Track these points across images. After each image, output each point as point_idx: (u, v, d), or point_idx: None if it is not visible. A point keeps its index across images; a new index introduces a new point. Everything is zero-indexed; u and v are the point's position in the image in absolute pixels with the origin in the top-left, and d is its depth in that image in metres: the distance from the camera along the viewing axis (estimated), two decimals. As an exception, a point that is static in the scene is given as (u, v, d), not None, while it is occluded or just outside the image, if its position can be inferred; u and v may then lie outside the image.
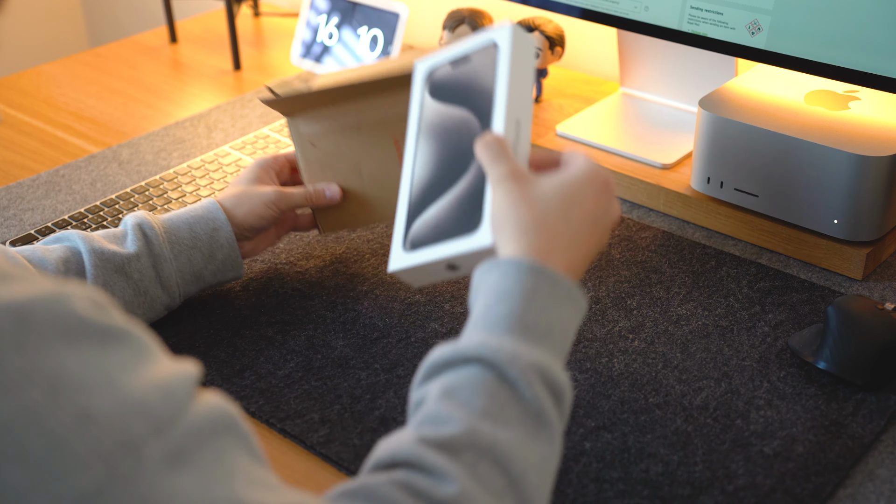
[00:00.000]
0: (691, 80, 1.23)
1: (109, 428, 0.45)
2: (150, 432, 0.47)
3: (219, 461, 0.49)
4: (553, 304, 0.64)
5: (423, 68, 0.81)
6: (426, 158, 0.78)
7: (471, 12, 1.31)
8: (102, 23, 2.35)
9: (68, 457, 0.44)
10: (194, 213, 0.95)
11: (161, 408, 0.48)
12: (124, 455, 0.45)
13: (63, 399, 0.45)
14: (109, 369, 0.47)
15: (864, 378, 0.85)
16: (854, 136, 0.99)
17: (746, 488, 0.77)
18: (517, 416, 0.60)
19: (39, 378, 0.45)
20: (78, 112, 1.43)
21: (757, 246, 1.08)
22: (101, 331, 0.48)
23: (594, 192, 0.68)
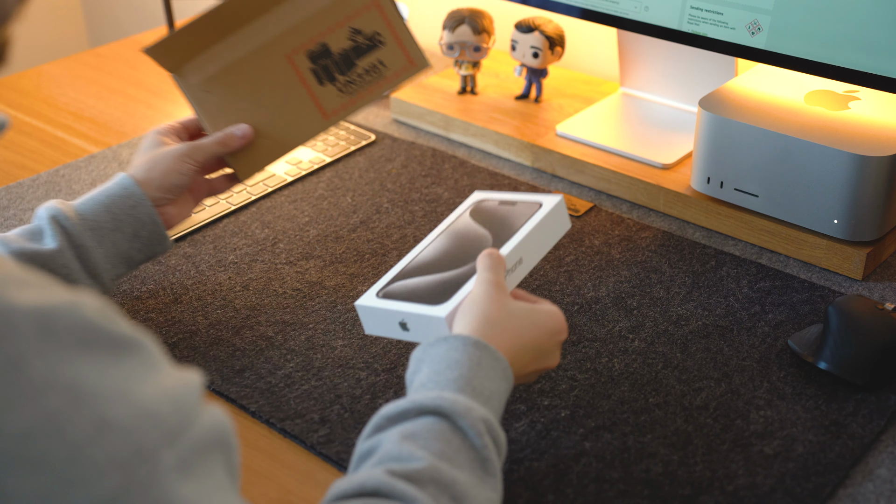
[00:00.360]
0: (691, 80, 1.23)
1: (126, 436, 0.46)
2: (163, 442, 0.48)
3: (214, 473, 0.51)
4: (494, 376, 0.72)
5: (477, 197, 0.95)
6: (436, 249, 0.89)
7: (471, 12, 1.31)
8: (102, 23, 2.35)
9: (87, 464, 0.45)
10: (110, 194, 0.92)
11: (173, 418, 0.49)
12: (140, 463, 0.46)
13: (83, 407, 0.46)
14: (123, 378, 0.48)
15: (864, 378, 0.85)
16: (854, 136, 0.99)
17: (746, 488, 0.77)
18: (469, 462, 0.66)
19: (60, 386, 0.45)
20: (78, 112, 1.43)
21: (757, 246, 1.08)
22: (113, 340, 0.49)
23: (549, 330, 0.77)
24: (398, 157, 1.26)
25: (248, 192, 1.19)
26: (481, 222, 0.91)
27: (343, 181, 1.22)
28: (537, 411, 0.85)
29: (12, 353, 0.45)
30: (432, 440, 0.65)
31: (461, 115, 1.30)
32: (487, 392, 0.70)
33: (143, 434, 0.47)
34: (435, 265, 0.87)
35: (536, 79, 1.32)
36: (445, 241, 0.90)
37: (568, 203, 1.16)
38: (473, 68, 1.34)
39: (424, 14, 1.60)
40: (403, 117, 1.36)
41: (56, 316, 0.47)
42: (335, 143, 1.30)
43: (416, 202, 1.17)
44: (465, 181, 1.21)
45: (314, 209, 1.16)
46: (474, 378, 0.70)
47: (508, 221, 0.88)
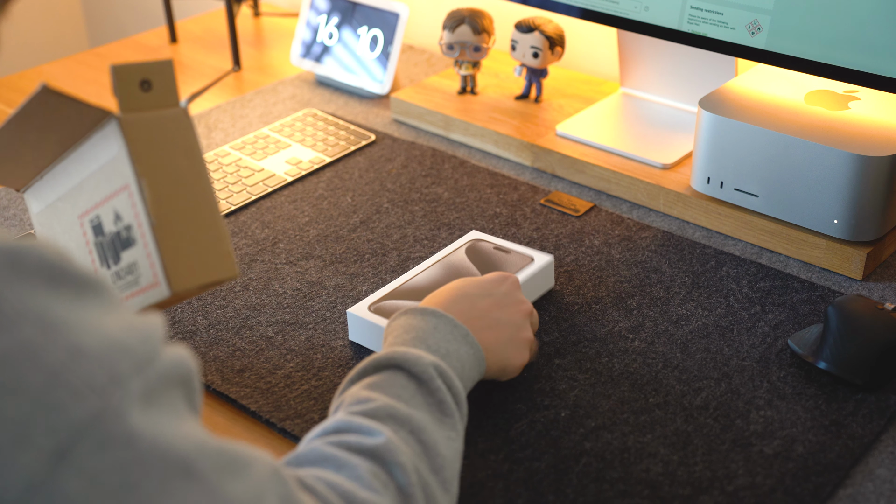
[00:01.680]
0: (691, 80, 1.23)
1: (99, 363, 0.48)
2: (132, 370, 0.49)
3: (176, 406, 0.52)
4: (452, 339, 0.78)
5: (474, 236, 1.03)
6: (429, 277, 0.97)
7: (471, 12, 1.31)
8: (102, 23, 2.35)
9: (64, 389, 0.47)
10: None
11: (140, 348, 0.50)
12: (115, 388, 0.48)
13: (56, 335, 0.48)
14: (91, 312, 0.50)
15: (864, 378, 0.85)
16: (854, 136, 0.99)
17: (746, 488, 0.77)
18: (425, 404, 0.72)
19: (32, 316, 0.48)
20: (78, 112, 1.43)
21: (757, 246, 1.08)
22: (77, 278, 0.51)
23: (494, 280, 0.87)
24: (398, 157, 1.26)
25: (248, 193, 1.19)
26: (475, 261, 1.00)
27: (343, 181, 1.22)
28: (537, 411, 0.85)
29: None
30: (388, 387, 0.71)
31: (461, 115, 1.30)
32: (444, 350, 0.77)
33: (114, 361, 0.49)
34: (425, 292, 0.94)
35: (536, 79, 1.32)
36: (439, 272, 0.98)
37: (568, 203, 1.16)
38: (473, 68, 1.34)
39: (424, 14, 1.60)
40: (403, 117, 1.36)
41: (23, 255, 0.49)
42: (335, 143, 1.30)
43: (416, 202, 1.17)
44: (465, 181, 1.21)
45: (314, 209, 1.16)
46: (429, 337, 0.77)
47: (500, 268, 0.97)
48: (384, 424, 0.67)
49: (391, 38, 1.40)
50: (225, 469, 0.52)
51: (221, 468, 0.51)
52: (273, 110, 1.41)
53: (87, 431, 0.47)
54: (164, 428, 0.50)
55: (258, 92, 1.46)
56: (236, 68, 0.91)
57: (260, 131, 1.33)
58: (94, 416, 0.47)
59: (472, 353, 0.79)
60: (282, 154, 1.27)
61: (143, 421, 0.49)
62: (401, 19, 1.39)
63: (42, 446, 0.46)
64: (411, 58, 1.55)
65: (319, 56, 1.47)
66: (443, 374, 0.74)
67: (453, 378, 0.74)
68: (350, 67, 1.44)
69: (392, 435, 0.66)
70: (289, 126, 1.34)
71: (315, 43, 1.48)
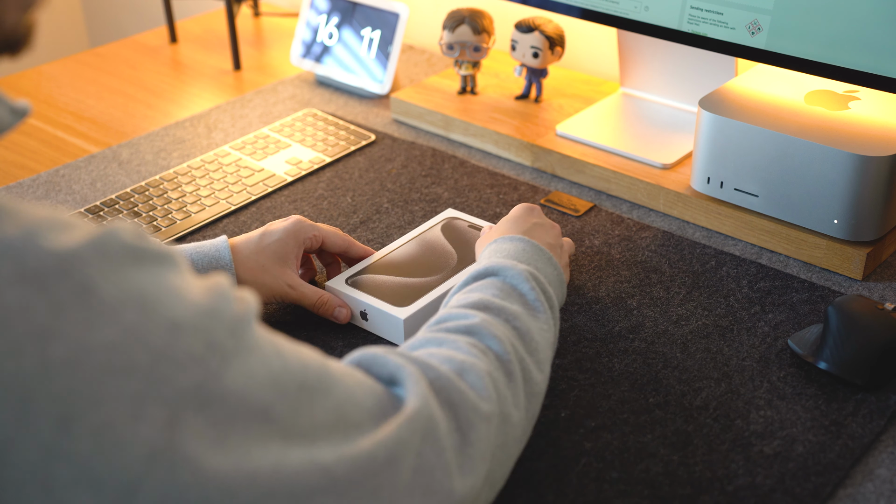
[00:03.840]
0: (691, 80, 1.23)
1: (196, 333, 0.53)
2: (225, 332, 0.54)
3: (264, 339, 0.58)
4: (539, 260, 0.85)
5: (449, 214, 1.07)
6: (404, 253, 1.01)
7: (471, 12, 1.31)
8: (102, 23, 2.35)
9: (170, 364, 0.51)
10: (199, 249, 0.92)
11: (226, 309, 0.55)
12: (212, 355, 0.53)
13: (154, 314, 0.52)
14: (174, 284, 0.54)
15: (864, 378, 0.85)
16: (854, 136, 0.99)
17: (746, 488, 0.77)
18: (519, 302, 0.79)
19: (129, 300, 0.52)
20: (78, 112, 1.43)
21: (757, 246, 1.08)
22: (155, 254, 0.55)
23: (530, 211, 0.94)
24: (398, 157, 1.26)
25: (248, 192, 1.19)
26: (449, 239, 1.03)
27: (343, 181, 1.22)
28: (537, 411, 0.85)
29: (83, 279, 0.51)
30: (485, 289, 0.79)
31: (461, 115, 1.30)
32: (534, 266, 0.84)
33: (209, 329, 0.54)
34: (401, 268, 0.98)
35: (536, 79, 1.32)
36: (414, 248, 1.02)
37: (568, 203, 1.16)
38: (473, 68, 1.34)
39: (424, 14, 1.60)
40: (403, 117, 1.36)
41: (107, 241, 0.53)
42: (335, 143, 1.30)
43: (416, 202, 1.17)
44: (465, 181, 1.21)
45: (314, 209, 1.16)
46: (520, 255, 0.84)
47: (473, 246, 1.01)
48: (479, 311, 0.75)
49: (391, 38, 1.40)
50: (303, 401, 0.57)
51: (299, 401, 0.57)
52: (273, 110, 1.41)
53: (192, 398, 0.52)
54: (255, 375, 0.55)
55: (258, 92, 1.46)
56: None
57: (260, 131, 1.33)
58: (197, 384, 0.52)
59: (556, 274, 0.86)
60: (282, 154, 1.27)
61: (237, 375, 0.54)
62: (401, 19, 1.39)
63: (157, 417, 0.50)
64: (411, 58, 1.55)
65: (319, 56, 1.47)
66: (537, 280, 0.81)
67: (545, 283, 0.81)
68: (350, 67, 1.44)
69: (487, 317, 0.74)
70: (289, 126, 1.34)
71: (315, 43, 1.48)
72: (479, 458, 0.65)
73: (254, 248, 0.94)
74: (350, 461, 0.58)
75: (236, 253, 0.93)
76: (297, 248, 0.96)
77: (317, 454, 0.56)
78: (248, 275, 0.93)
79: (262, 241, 0.94)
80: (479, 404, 0.66)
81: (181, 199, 1.17)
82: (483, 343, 0.72)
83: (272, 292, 0.94)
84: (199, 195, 1.18)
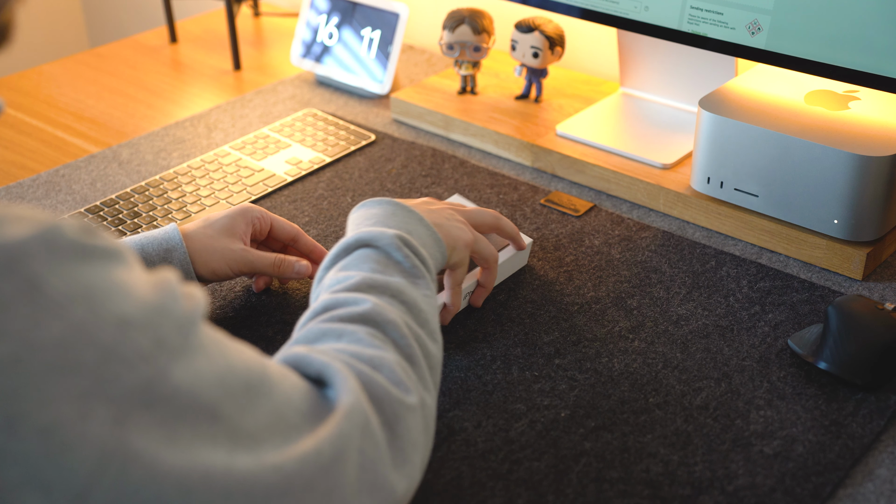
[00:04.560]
0: (691, 80, 1.23)
1: (144, 330, 0.52)
2: (173, 329, 0.54)
3: (210, 339, 0.57)
4: (409, 221, 0.84)
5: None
6: None
7: (471, 12, 1.31)
8: (102, 23, 2.35)
9: (118, 362, 0.51)
10: (148, 235, 0.93)
11: (174, 306, 0.55)
12: (160, 352, 0.52)
13: (102, 311, 0.51)
14: (122, 280, 0.53)
15: (864, 378, 0.85)
16: (854, 136, 0.99)
17: (746, 488, 0.77)
18: (397, 271, 0.77)
19: (78, 296, 0.50)
20: (78, 112, 1.43)
21: (757, 246, 1.08)
22: (103, 249, 0.54)
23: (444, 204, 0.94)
24: (398, 157, 1.26)
25: (248, 193, 1.19)
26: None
27: (343, 181, 1.22)
28: (537, 411, 0.85)
29: (29, 275, 0.49)
30: (362, 263, 0.77)
31: (461, 115, 1.30)
32: (404, 228, 0.82)
33: (157, 325, 0.53)
34: None
35: (536, 79, 1.32)
36: None
37: (568, 203, 1.16)
38: (473, 68, 1.34)
39: (424, 14, 1.60)
40: (403, 117, 1.36)
41: (55, 235, 0.51)
42: (335, 143, 1.30)
43: (416, 202, 1.17)
44: (465, 181, 1.21)
45: (314, 209, 1.16)
46: (389, 220, 0.83)
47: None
48: (366, 294, 0.73)
49: (391, 38, 1.40)
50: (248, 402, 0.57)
51: (244, 401, 0.57)
52: (273, 110, 1.41)
53: (140, 396, 0.51)
54: (202, 374, 0.55)
55: (258, 92, 1.46)
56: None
57: (260, 131, 1.33)
58: (146, 382, 0.51)
59: (429, 234, 0.84)
60: (282, 154, 1.27)
61: (183, 374, 0.53)
62: (401, 19, 1.39)
63: (104, 416, 0.50)
64: (411, 58, 1.55)
65: (319, 56, 1.47)
66: (408, 244, 0.80)
67: (417, 246, 0.80)
68: (350, 67, 1.44)
69: (376, 300, 0.73)
70: (289, 126, 1.34)
71: (315, 43, 1.48)
72: (410, 449, 0.66)
73: (202, 225, 0.95)
74: (298, 459, 0.57)
75: (186, 232, 0.94)
76: (245, 227, 0.96)
77: (265, 456, 0.56)
78: (199, 245, 0.93)
79: (209, 219, 0.96)
80: (402, 397, 0.67)
81: (181, 199, 1.17)
82: (381, 332, 0.71)
83: (227, 260, 0.93)
84: (199, 195, 1.18)
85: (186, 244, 0.92)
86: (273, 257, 0.95)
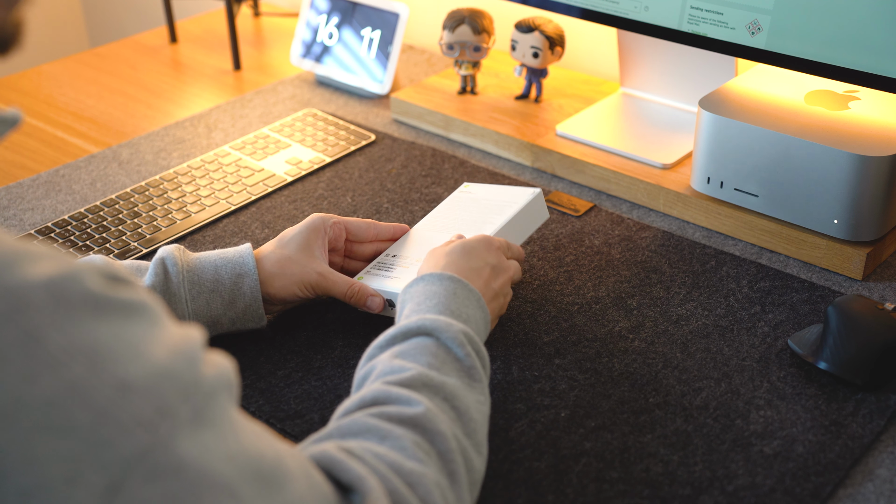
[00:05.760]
0: (691, 80, 1.23)
1: (146, 396, 0.49)
2: (179, 397, 0.50)
3: (226, 417, 0.53)
4: (469, 304, 0.81)
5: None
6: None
7: (471, 12, 1.31)
8: (102, 23, 2.35)
9: (113, 426, 0.47)
10: (223, 255, 0.91)
11: (186, 373, 0.51)
12: (161, 420, 0.49)
13: (103, 372, 0.48)
14: (136, 340, 0.50)
15: (864, 378, 0.85)
16: (854, 136, 0.99)
17: (746, 488, 0.77)
18: (455, 371, 0.74)
19: (79, 354, 0.48)
20: (78, 112, 1.43)
21: (757, 246, 1.08)
22: (121, 303, 0.51)
23: (483, 245, 0.89)
24: (398, 157, 1.26)
25: (248, 192, 1.19)
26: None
27: (343, 181, 1.22)
28: (537, 411, 0.85)
29: (30, 327, 0.47)
30: (420, 354, 0.73)
31: (461, 115, 1.30)
32: (465, 315, 0.79)
33: (161, 392, 0.49)
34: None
35: (536, 79, 1.32)
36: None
37: (568, 203, 1.16)
38: (473, 68, 1.34)
39: (424, 14, 1.60)
40: (403, 117, 1.36)
41: (68, 285, 0.48)
42: (335, 143, 1.30)
43: (416, 202, 1.17)
44: (465, 181, 1.21)
45: (314, 209, 1.16)
46: (451, 303, 0.79)
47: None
48: (420, 394, 0.70)
49: (391, 38, 1.40)
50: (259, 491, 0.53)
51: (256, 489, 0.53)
52: (273, 110, 1.41)
53: (138, 466, 0.48)
54: (210, 450, 0.51)
55: (258, 92, 1.46)
56: None
57: (260, 131, 1.33)
58: (143, 450, 0.48)
59: (482, 318, 0.82)
60: (282, 154, 1.27)
61: (190, 447, 0.50)
62: (401, 19, 1.39)
63: (94, 483, 0.46)
64: (411, 58, 1.55)
65: (319, 56, 1.47)
66: (471, 341, 0.76)
67: (479, 344, 0.77)
68: (350, 67, 1.44)
69: (429, 403, 0.69)
70: (289, 126, 1.34)
71: (315, 43, 1.48)
72: None
73: (276, 245, 0.93)
74: None
75: (259, 255, 0.92)
76: (321, 239, 0.94)
77: None
78: (275, 268, 0.91)
79: (283, 238, 0.94)
80: None
81: (181, 199, 1.17)
82: (428, 443, 0.67)
83: (301, 282, 0.91)
84: (199, 195, 1.18)
85: (260, 268, 0.91)
86: (347, 286, 0.93)
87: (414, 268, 0.95)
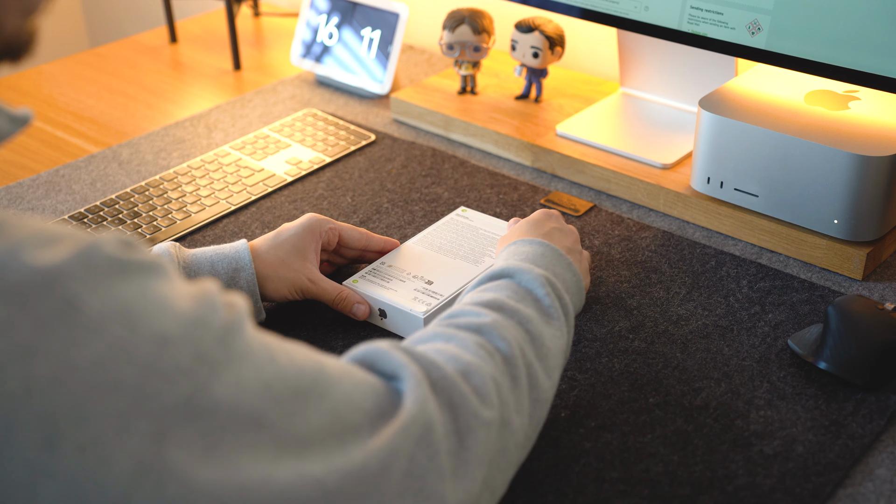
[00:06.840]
0: (691, 80, 1.23)
1: (184, 345, 0.52)
2: (213, 341, 0.54)
3: (258, 344, 0.57)
4: (558, 265, 0.83)
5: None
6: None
7: (471, 12, 1.31)
8: (102, 23, 2.35)
9: (158, 378, 0.51)
10: (219, 251, 0.93)
11: (213, 317, 0.54)
12: (200, 366, 0.52)
13: (140, 328, 0.51)
14: (161, 295, 0.53)
15: (864, 378, 0.85)
16: (854, 136, 0.99)
17: (746, 488, 0.77)
18: (533, 306, 0.77)
19: (115, 314, 0.51)
20: (78, 112, 1.43)
21: (757, 246, 1.08)
22: (142, 264, 0.54)
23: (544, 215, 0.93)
24: (398, 157, 1.26)
25: (248, 193, 1.19)
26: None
27: (343, 181, 1.22)
28: (537, 411, 0.85)
29: (69, 295, 0.50)
30: (500, 290, 0.78)
31: (461, 115, 1.30)
32: (552, 271, 0.82)
33: (197, 339, 0.53)
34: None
35: (536, 79, 1.32)
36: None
37: (568, 203, 1.16)
38: (473, 68, 1.34)
39: (424, 14, 1.60)
40: (403, 117, 1.36)
41: (93, 253, 0.52)
42: (335, 143, 1.30)
43: (416, 202, 1.17)
44: (465, 181, 1.21)
45: (314, 209, 1.16)
46: (539, 259, 0.83)
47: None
48: (493, 311, 0.74)
49: (391, 38, 1.40)
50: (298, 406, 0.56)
51: (294, 407, 0.56)
52: (273, 110, 1.41)
53: (182, 411, 0.51)
54: (246, 384, 0.54)
55: (258, 92, 1.46)
56: None
57: (260, 131, 1.33)
58: (186, 396, 0.51)
59: (574, 280, 0.84)
60: (282, 154, 1.27)
61: (226, 386, 0.53)
62: (401, 19, 1.39)
63: (144, 432, 0.50)
64: (411, 58, 1.55)
65: (319, 56, 1.47)
66: (552, 284, 0.79)
67: (562, 291, 0.80)
68: (350, 67, 1.44)
69: (499, 317, 0.73)
70: (289, 126, 1.34)
71: (315, 43, 1.48)
72: (475, 462, 0.64)
73: (271, 244, 0.95)
74: (342, 473, 0.57)
75: (255, 251, 0.94)
76: (315, 243, 0.97)
77: (308, 466, 0.55)
78: (269, 270, 0.93)
79: (279, 236, 0.96)
80: (479, 409, 0.65)
81: (181, 199, 1.17)
82: (491, 344, 0.70)
83: (292, 286, 0.94)
84: (199, 195, 1.18)
85: (255, 265, 0.93)
86: (335, 293, 0.95)
87: (410, 282, 0.96)
